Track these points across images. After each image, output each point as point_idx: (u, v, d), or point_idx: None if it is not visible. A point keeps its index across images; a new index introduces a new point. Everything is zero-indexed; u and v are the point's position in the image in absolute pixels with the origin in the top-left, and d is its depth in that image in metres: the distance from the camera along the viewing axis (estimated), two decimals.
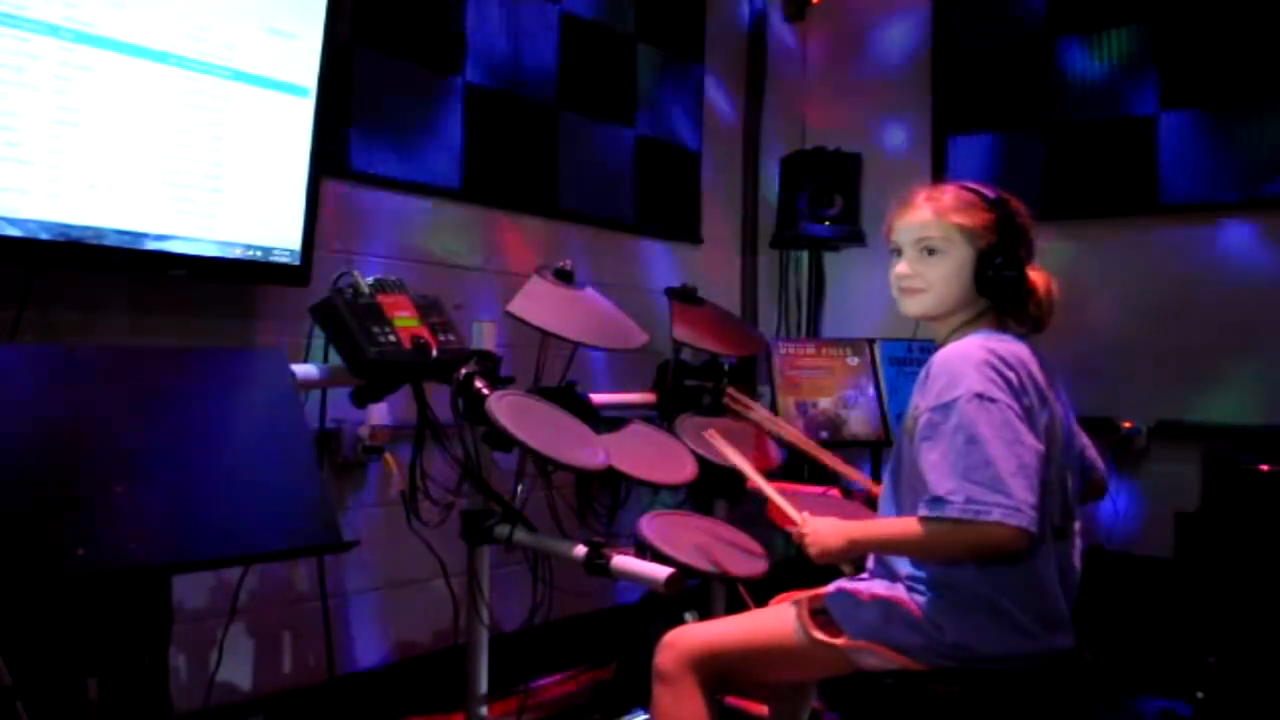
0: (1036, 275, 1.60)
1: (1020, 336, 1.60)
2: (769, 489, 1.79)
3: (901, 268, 1.63)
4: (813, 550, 1.58)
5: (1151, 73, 3.33)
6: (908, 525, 1.50)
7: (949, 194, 1.61)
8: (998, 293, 1.58)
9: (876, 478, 2.95)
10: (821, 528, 1.60)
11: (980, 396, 1.44)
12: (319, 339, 2.00)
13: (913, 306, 1.64)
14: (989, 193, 1.61)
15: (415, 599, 2.72)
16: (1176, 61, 3.28)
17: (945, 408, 1.46)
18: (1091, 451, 1.72)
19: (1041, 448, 1.45)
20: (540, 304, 2.28)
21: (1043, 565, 1.50)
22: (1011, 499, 1.38)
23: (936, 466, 1.44)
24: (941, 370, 1.50)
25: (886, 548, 1.59)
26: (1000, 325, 1.61)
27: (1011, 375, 1.48)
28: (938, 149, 3.82)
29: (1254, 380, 3.13)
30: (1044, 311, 1.60)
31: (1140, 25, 3.35)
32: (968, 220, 1.57)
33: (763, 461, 2.48)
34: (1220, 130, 3.21)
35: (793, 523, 1.66)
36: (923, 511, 1.44)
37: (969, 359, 1.48)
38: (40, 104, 1.85)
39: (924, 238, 1.60)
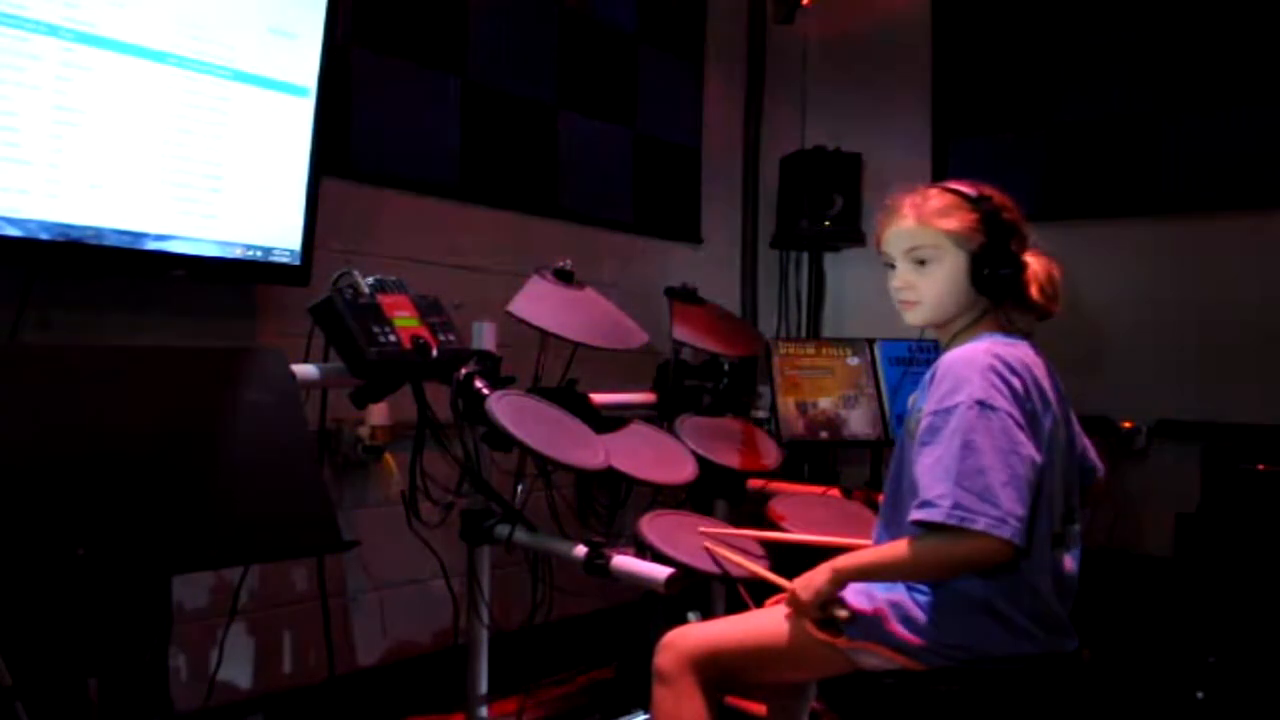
0: (1035, 262, 1.58)
1: (1025, 337, 1.60)
2: (770, 575, 1.78)
3: (897, 281, 1.62)
4: (804, 595, 1.54)
5: (1152, 72, 3.33)
6: (894, 548, 1.49)
7: (932, 198, 1.59)
8: (996, 292, 1.57)
9: (875, 477, 2.96)
10: (805, 574, 1.57)
11: (981, 404, 1.43)
12: (319, 339, 2.00)
13: (913, 318, 1.63)
14: (971, 191, 1.58)
15: (415, 599, 2.72)
16: (1178, 61, 3.28)
17: (946, 412, 1.45)
18: (1092, 454, 1.72)
19: (1039, 458, 1.45)
20: (540, 304, 2.28)
21: (1039, 572, 1.50)
22: (999, 509, 1.37)
23: (930, 470, 1.44)
24: (946, 374, 1.50)
25: (872, 573, 1.55)
26: (1004, 324, 1.60)
27: (1016, 381, 1.47)
28: (938, 149, 3.81)
29: (1254, 380, 3.13)
30: (1048, 297, 1.58)
31: (1141, 24, 3.35)
32: (954, 224, 1.56)
33: (764, 460, 2.48)
34: (1220, 130, 3.21)
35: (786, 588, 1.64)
36: (913, 515, 1.44)
37: (974, 364, 1.48)
38: (40, 104, 1.85)
39: (913, 248, 1.59)
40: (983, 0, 3.73)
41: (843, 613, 1.54)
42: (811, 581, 1.54)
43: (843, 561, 1.54)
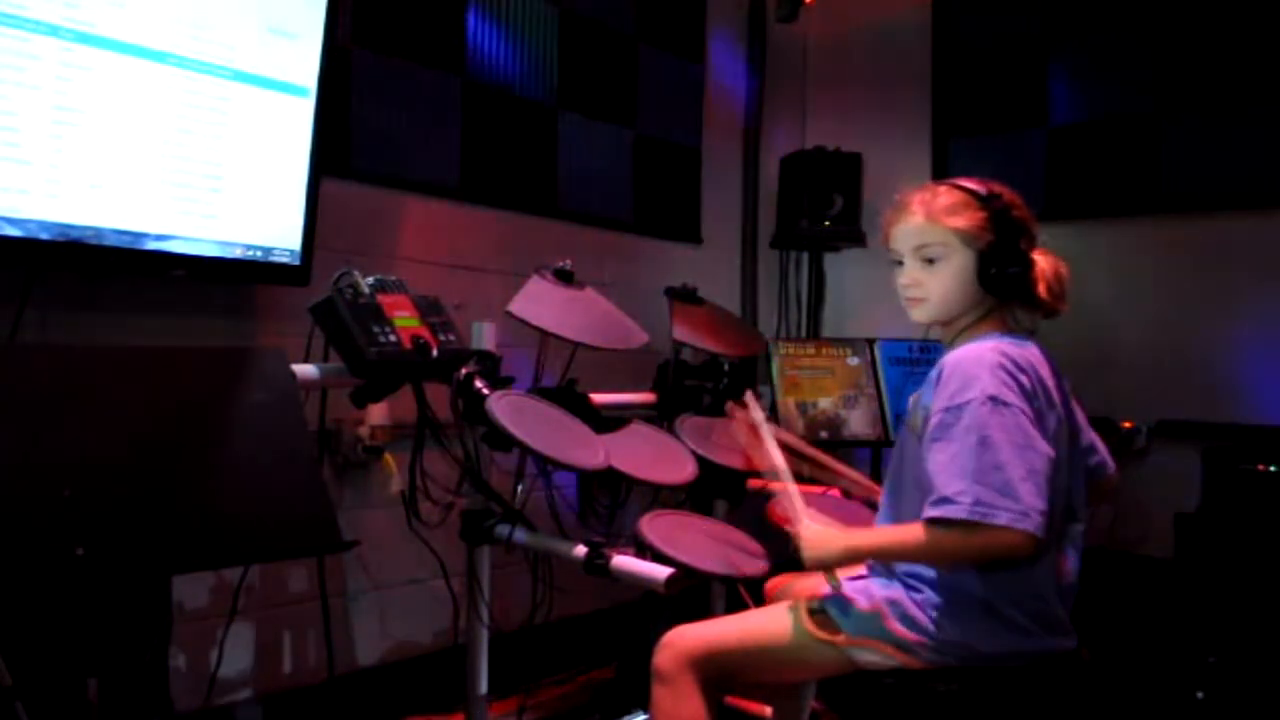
0: (1043, 260, 1.57)
1: (1029, 335, 1.60)
2: (791, 484, 1.72)
3: (904, 278, 1.62)
4: (808, 555, 1.55)
5: (1152, 72, 3.33)
6: (911, 531, 1.49)
7: (941, 196, 1.59)
8: (1003, 291, 1.57)
9: (876, 478, 2.96)
10: (818, 534, 1.56)
11: (994, 400, 1.43)
12: (319, 339, 2.00)
13: (920, 315, 1.63)
14: (980, 189, 1.58)
15: (415, 599, 2.72)
16: (1177, 61, 3.28)
17: (958, 409, 1.45)
18: (1102, 449, 1.71)
19: (1052, 453, 1.45)
20: (540, 304, 2.28)
21: (1039, 569, 1.50)
22: (1020, 504, 1.37)
23: (946, 468, 1.43)
24: (954, 372, 1.50)
25: (888, 555, 1.56)
26: (1009, 323, 1.60)
27: (1024, 379, 1.48)
28: (938, 148, 3.82)
29: (1254, 380, 3.13)
30: (1055, 296, 1.57)
31: (1140, 26, 3.35)
32: (963, 222, 1.55)
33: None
34: (1221, 130, 3.21)
35: (793, 523, 1.62)
36: (929, 512, 1.43)
37: (982, 361, 1.48)
38: (40, 104, 1.85)
39: (921, 245, 1.58)
40: (983, 0, 3.74)
41: (834, 579, 1.57)
42: (821, 550, 1.54)
43: (858, 540, 1.54)
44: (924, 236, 1.58)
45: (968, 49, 3.76)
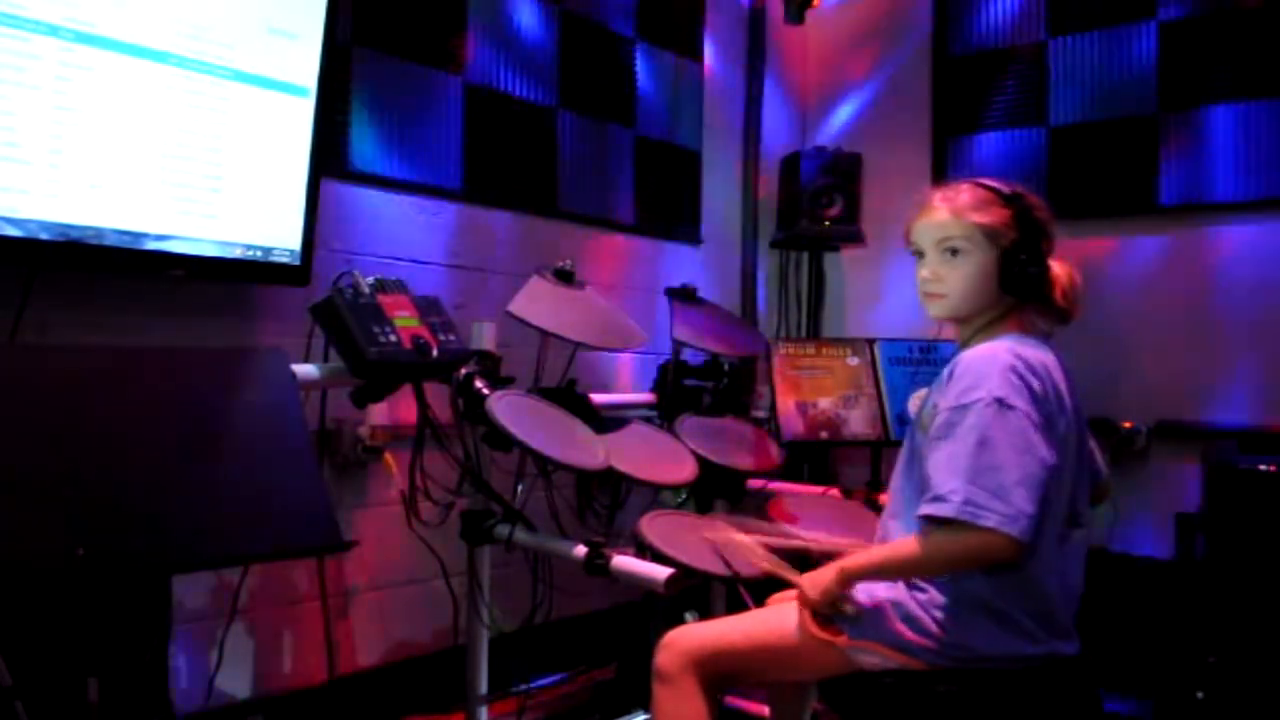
0: (1059, 267, 1.59)
1: (1045, 339, 1.59)
2: (775, 566, 1.77)
3: (925, 272, 1.61)
4: (812, 594, 1.55)
5: (1152, 72, 3.33)
6: (898, 545, 1.50)
7: (965, 193, 1.59)
8: (1023, 290, 1.56)
9: (875, 477, 2.96)
10: (813, 572, 1.58)
11: (1000, 402, 1.43)
12: (319, 339, 2.00)
13: (937, 310, 1.62)
14: (1004, 188, 1.58)
15: (415, 599, 2.72)
16: (1177, 61, 3.28)
17: (964, 409, 1.45)
18: (1098, 456, 1.71)
19: (1053, 460, 1.45)
20: (540, 304, 2.28)
21: (1043, 572, 1.50)
22: (1010, 507, 1.38)
23: (944, 466, 1.44)
24: (965, 372, 1.50)
25: (879, 572, 1.56)
26: (1025, 324, 1.60)
27: (1035, 382, 1.47)
28: (938, 149, 3.81)
29: (1254, 380, 3.13)
30: (1070, 302, 1.59)
31: (1140, 24, 3.36)
32: (987, 219, 1.56)
33: (765, 460, 2.48)
34: (1220, 129, 3.21)
35: (790, 577, 1.65)
36: (922, 509, 1.44)
37: (995, 362, 1.48)
38: (40, 104, 1.85)
39: (945, 238, 1.58)
40: (983, 0, 3.74)
41: (849, 608, 1.55)
42: (819, 581, 1.54)
43: (850, 561, 1.54)
44: (947, 230, 1.58)
45: (968, 48, 3.76)
